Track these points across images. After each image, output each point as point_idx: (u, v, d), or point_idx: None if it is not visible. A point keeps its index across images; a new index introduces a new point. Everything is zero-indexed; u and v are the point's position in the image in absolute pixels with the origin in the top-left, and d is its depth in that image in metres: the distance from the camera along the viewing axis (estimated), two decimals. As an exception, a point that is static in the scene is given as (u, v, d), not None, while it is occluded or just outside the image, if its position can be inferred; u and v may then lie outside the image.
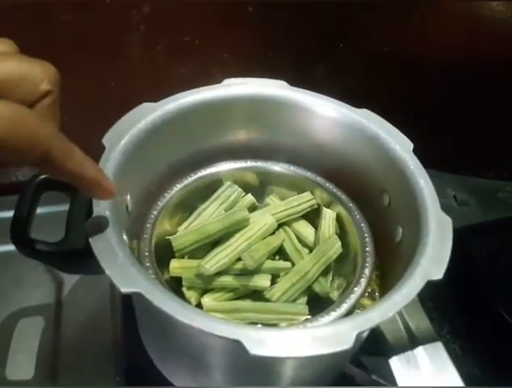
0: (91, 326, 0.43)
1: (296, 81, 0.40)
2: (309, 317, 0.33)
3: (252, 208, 0.40)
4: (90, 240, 0.26)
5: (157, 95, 0.37)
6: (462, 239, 0.42)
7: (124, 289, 0.25)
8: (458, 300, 0.51)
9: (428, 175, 0.34)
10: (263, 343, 0.24)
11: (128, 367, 0.40)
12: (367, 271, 0.34)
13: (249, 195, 0.41)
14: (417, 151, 0.35)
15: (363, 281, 0.33)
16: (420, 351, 0.44)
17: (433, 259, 0.28)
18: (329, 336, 0.24)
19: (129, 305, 0.37)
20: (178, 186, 0.39)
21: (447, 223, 0.30)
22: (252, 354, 0.23)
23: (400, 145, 0.35)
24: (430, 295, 0.51)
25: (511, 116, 0.52)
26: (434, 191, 0.32)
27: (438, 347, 0.45)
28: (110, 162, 0.31)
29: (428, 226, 0.30)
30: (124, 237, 0.31)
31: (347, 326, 0.25)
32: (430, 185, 0.33)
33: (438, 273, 0.28)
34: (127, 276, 0.25)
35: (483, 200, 0.36)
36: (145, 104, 0.36)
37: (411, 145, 0.35)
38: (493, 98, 0.52)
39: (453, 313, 0.51)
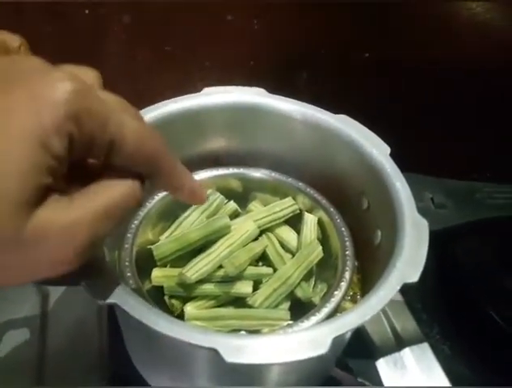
0: (77, 337, 0.43)
1: (278, 88, 0.41)
2: (291, 322, 0.33)
3: (234, 215, 0.40)
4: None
5: (139, 105, 0.37)
6: (442, 241, 0.43)
7: (101, 301, 0.25)
8: (446, 301, 0.52)
9: (406, 179, 0.34)
10: (240, 350, 0.24)
11: (114, 376, 0.40)
12: (347, 274, 0.34)
13: (232, 202, 0.41)
14: (395, 155, 0.36)
15: (344, 285, 0.34)
16: (406, 352, 0.44)
17: (409, 262, 0.29)
18: (305, 342, 0.25)
19: (115, 315, 0.37)
20: (160, 195, 0.39)
21: (424, 226, 0.31)
22: (228, 362, 0.23)
23: (377, 149, 0.36)
24: (419, 297, 0.51)
25: (491, 117, 0.53)
26: (410, 194, 0.33)
27: (425, 349, 0.45)
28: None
29: (404, 229, 0.31)
30: (104, 248, 0.31)
31: (323, 331, 0.25)
32: (406, 188, 0.33)
33: (413, 276, 0.28)
34: (103, 287, 0.25)
35: (460, 202, 0.36)
36: (124, 115, 0.36)
37: (388, 149, 0.36)
38: (471, 100, 0.52)
39: (442, 314, 0.51)
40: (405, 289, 0.28)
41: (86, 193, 0.21)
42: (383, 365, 0.43)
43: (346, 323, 0.26)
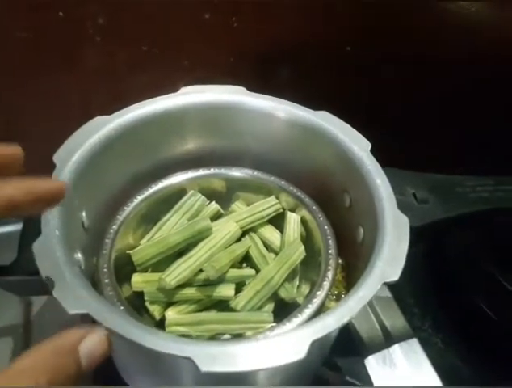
0: (62, 345, 0.42)
1: (258, 86, 0.40)
2: (274, 324, 0.32)
3: (217, 216, 0.40)
4: (37, 261, 0.26)
5: (118, 106, 0.37)
6: (428, 236, 0.42)
7: (72, 311, 0.24)
8: (436, 295, 0.52)
9: (387, 174, 0.34)
10: (215, 358, 0.23)
11: (99, 384, 0.40)
12: (329, 274, 0.34)
13: (214, 202, 0.40)
14: (377, 150, 0.35)
15: (326, 285, 0.33)
16: (396, 349, 0.44)
17: (389, 261, 0.28)
18: (282, 347, 0.24)
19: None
20: (139, 198, 0.38)
21: (404, 223, 0.30)
22: (203, 371, 0.23)
23: (357, 145, 0.35)
24: (409, 291, 0.51)
25: (473, 110, 0.53)
26: (391, 191, 0.32)
27: (414, 344, 0.45)
28: (59, 181, 0.30)
29: (385, 226, 0.30)
30: (79, 255, 0.31)
31: (301, 335, 0.25)
32: (386, 184, 0.33)
33: (393, 275, 0.27)
34: (74, 297, 0.25)
35: (443, 196, 0.36)
36: (99, 117, 0.35)
37: (369, 145, 0.35)
38: (452, 93, 0.52)
39: (433, 307, 0.51)
40: (394, 284, 0.28)
41: None
42: (372, 363, 0.42)
43: (325, 326, 0.25)
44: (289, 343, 0.24)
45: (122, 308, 0.30)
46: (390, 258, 0.28)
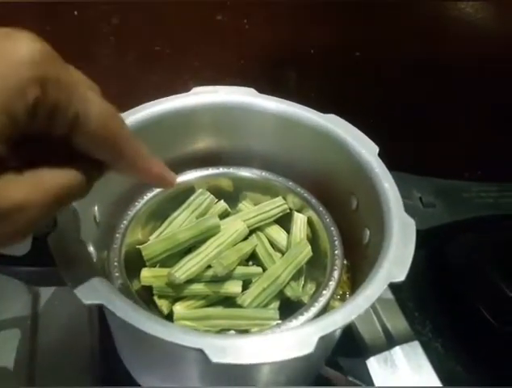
0: (68, 338, 0.43)
1: (268, 88, 0.41)
2: (280, 321, 0.33)
3: (224, 215, 0.41)
4: (53, 253, 0.27)
5: (128, 105, 0.37)
6: (432, 240, 0.43)
7: (86, 301, 0.25)
8: (438, 299, 0.52)
9: (394, 178, 0.34)
10: (225, 351, 0.24)
11: (105, 377, 0.40)
12: (335, 273, 0.34)
13: (222, 201, 0.41)
14: (384, 154, 0.36)
15: (332, 284, 0.34)
16: (397, 351, 0.45)
17: (395, 261, 0.29)
18: (291, 342, 0.25)
19: (105, 316, 0.37)
20: (149, 195, 0.39)
21: (411, 225, 0.31)
22: (214, 362, 0.23)
23: (365, 148, 0.36)
24: (411, 295, 0.52)
25: (481, 116, 0.53)
26: (398, 195, 0.33)
27: (415, 347, 0.45)
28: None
29: (392, 228, 0.31)
30: (91, 248, 0.31)
31: (309, 330, 0.25)
32: (394, 188, 0.33)
33: (400, 275, 0.28)
34: (89, 287, 0.25)
35: (448, 201, 0.37)
36: (113, 115, 0.36)
37: (376, 149, 0.36)
38: (460, 98, 0.52)
39: (434, 312, 0.51)
40: (396, 288, 0.29)
41: (39, 173, 0.20)
42: (373, 364, 0.43)
43: (332, 323, 0.26)
44: (298, 338, 0.25)
45: (132, 301, 0.31)
46: (396, 258, 0.29)
